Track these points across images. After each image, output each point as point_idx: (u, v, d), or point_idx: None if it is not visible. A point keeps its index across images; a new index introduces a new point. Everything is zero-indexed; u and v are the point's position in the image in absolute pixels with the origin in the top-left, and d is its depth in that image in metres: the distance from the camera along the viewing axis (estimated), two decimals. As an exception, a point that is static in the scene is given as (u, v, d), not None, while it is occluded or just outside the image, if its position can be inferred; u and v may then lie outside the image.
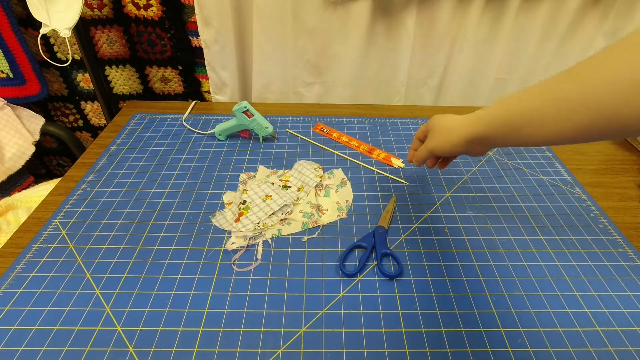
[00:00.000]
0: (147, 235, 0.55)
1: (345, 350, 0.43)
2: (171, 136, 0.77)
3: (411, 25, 0.82)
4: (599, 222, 0.60)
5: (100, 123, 1.04)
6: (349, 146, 0.76)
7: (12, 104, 0.87)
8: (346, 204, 0.62)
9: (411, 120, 0.84)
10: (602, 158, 0.75)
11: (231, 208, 0.60)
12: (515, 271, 0.52)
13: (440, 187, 0.66)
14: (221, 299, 0.48)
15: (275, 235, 0.56)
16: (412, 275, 0.51)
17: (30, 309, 0.46)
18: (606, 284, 0.51)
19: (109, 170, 0.67)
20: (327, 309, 0.47)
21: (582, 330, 0.45)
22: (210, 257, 0.53)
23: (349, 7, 0.79)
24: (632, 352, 0.43)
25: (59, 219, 0.58)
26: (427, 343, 0.44)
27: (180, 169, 0.68)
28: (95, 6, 0.81)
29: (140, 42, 0.87)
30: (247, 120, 0.72)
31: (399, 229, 0.58)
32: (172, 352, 0.42)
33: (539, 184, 0.67)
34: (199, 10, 0.79)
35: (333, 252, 0.54)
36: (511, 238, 0.57)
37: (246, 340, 0.44)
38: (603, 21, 0.83)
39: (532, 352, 0.43)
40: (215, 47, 0.84)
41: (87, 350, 0.42)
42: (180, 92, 0.96)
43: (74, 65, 0.91)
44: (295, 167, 0.68)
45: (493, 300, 0.48)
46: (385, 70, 0.91)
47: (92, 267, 0.51)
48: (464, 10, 0.81)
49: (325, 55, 0.87)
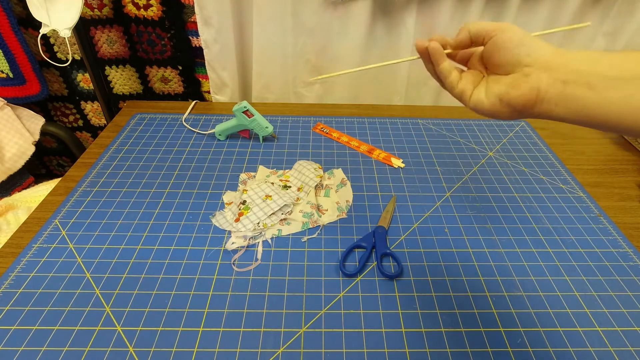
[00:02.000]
0: (147, 235, 0.55)
1: (345, 350, 0.43)
2: (171, 136, 0.77)
3: (411, 25, 0.82)
4: (599, 222, 0.60)
5: (100, 123, 1.04)
6: (349, 146, 0.76)
7: (12, 104, 0.87)
8: (346, 204, 0.62)
9: (411, 120, 0.84)
10: (602, 158, 0.75)
11: (231, 208, 0.60)
12: (515, 271, 0.52)
13: (440, 187, 0.66)
14: (221, 299, 0.48)
15: (275, 235, 0.56)
16: (412, 275, 0.51)
17: (30, 309, 0.46)
18: (606, 284, 0.51)
19: (109, 170, 0.67)
20: (327, 309, 0.47)
21: (582, 330, 0.45)
22: (210, 257, 0.53)
23: (349, 7, 0.79)
24: (632, 352, 0.43)
25: (59, 219, 0.58)
26: (427, 343, 0.44)
27: (180, 169, 0.68)
28: (95, 6, 0.81)
29: (140, 42, 0.87)
30: (247, 120, 0.72)
31: (399, 229, 0.58)
32: (172, 352, 0.42)
33: (539, 184, 0.67)
34: (199, 10, 0.79)
35: (333, 252, 0.54)
36: (511, 238, 0.57)
37: (246, 340, 0.44)
38: (603, 21, 0.83)
39: (532, 352, 0.43)
40: (215, 47, 0.84)
41: (87, 350, 0.42)
42: (180, 92, 0.96)
43: (74, 65, 0.91)
44: (295, 167, 0.68)
45: (493, 300, 0.48)
46: (385, 70, 0.91)
47: (92, 267, 0.51)
48: (464, 10, 0.81)
49: (325, 55, 0.87)
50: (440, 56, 0.37)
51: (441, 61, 0.37)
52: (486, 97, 0.35)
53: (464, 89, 0.37)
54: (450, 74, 0.37)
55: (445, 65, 0.37)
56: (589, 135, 0.81)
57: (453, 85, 0.37)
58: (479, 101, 0.35)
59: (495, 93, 0.34)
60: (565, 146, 0.77)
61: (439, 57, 0.37)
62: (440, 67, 0.37)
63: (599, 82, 0.29)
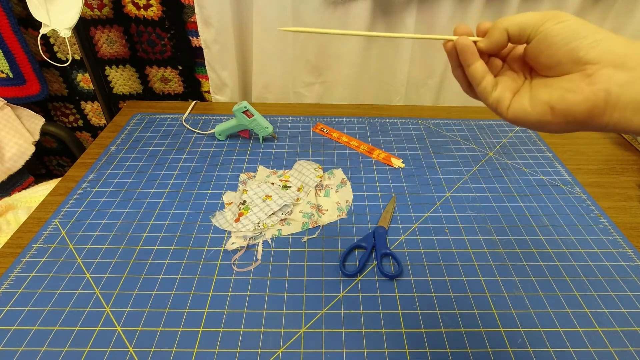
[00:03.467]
0: (147, 235, 0.55)
1: (345, 351, 0.43)
2: (171, 136, 0.77)
3: (411, 25, 0.82)
4: (599, 222, 0.60)
5: (100, 123, 1.04)
6: (349, 146, 0.76)
7: (12, 104, 0.87)
8: (346, 204, 0.62)
9: (411, 120, 0.84)
10: (602, 158, 0.75)
11: (231, 208, 0.60)
12: (515, 271, 0.52)
13: (440, 187, 0.66)
14: (221, 299, 0.48)
15: (275, 235, 0.56)
16: (412, 275, 0.51)
17: (30, 309, 0.46)
18: (606, 284, 0.51)
19: (109, 170, 0.67)
20: (327, 309, 0.47)
21: (582, 330, 0.45)
22: (210, 257, 0.53)
23: (349, 7, 0.79)
24: (632, 352, 0.43)
25: (59, 219, 0.58)
26: (427, 343, 0.44)
27: (180, 169, 0.68)
28: (95, 6, 0.81)
29: (140, 42, 0.87)
30: (247, 120, 0.72)
31: (399, 229, 0.58)
32: (172, 352, 0.42)
33: (539, 184, 0.67)
34: (199, 10, 0.79)
35: (333, 252, 0.54)
36: (511, 238, 0.57)
37: (246, 340, 0.44)
38: (603, 21, 0.83)
39: (532, 352, 0.43)
40: (215, 47, 0.84)
41: (87, 350, 0.42)
42: (180, 92, 0.96)
43: (74, 65, 0.91)
44: (295, 167, 0.68)
45: (493, 300, 0.48)
46: (385, 70, 0.91)
47: (92, 267, 0.51)
48: (464, 10, 0.81)
49: (325, 55, 0.87)
50: (471, 55, 0.30)
51: (472, 61, 0.30)
52: (531, 106, 0.28)
53: (500, 97, 0.30)
54: (483, 78, 0.30)
55: (477, 66, 0.30)
56: (589, 135, 0.81)
57: (487, 93, 0.30)
58: (521, 111, 0.28)
59: (545, 100, 0.27)
60: (565, 146, 0.77)
61: (470, 57, 0.30)
62: (471, 68, 0.30)
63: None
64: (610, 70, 0.24)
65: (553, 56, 0.27)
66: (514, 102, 0.29)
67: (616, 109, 0.24)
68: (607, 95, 0.24)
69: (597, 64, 0.25)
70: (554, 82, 0.27)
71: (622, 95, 0.24)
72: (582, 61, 0.25)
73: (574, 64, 0.26)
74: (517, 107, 0.29)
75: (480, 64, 0.30)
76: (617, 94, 0.24)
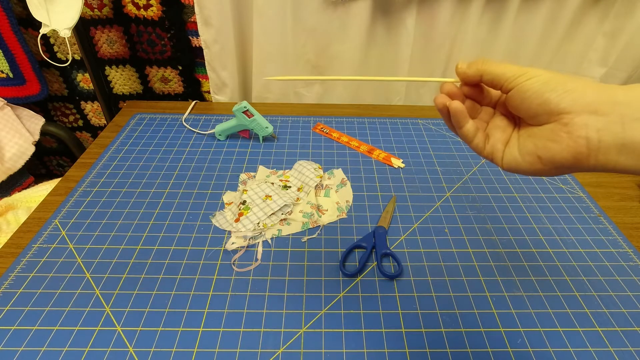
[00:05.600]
0: (147, 235, 0.55)
1: (345, 351, 0.43)
2: (171, 136, 0.77)
3: (411, 25, 0.82)
4: (599, 222, 0.60)
5: (100, 123, 1.04)
6: (349, 146, 0.76)
7: (12, 104, 0.87)
8: (346, 204, 0.62)
9: (411, 120, 0.84)
10: (602, 158, 0.75)
11: (231, 208, 0.60)
12: (515, 271, 0.52)
13: (440, 187, 0.66)
14: (221, 299, 0.48)
15: (275, 235, 0.56)
16: (412, 275, 0.51)
17: (30, 309, 0.46)
18: (606, 283, 0.51)
19: (109, 170, 0.67)
20: (327, 309, 0.47)
21: (582, 330, 0.45)
22: (210, 257, 0.53)
23: (349, 7, 0.79)
24: (632, 352, 0.43)
25: (59, 219, 0.58)
26: (427, 343, 0.44)
27: (180, 169, 0.68)
28: (95, 6, 0.81)
29: (140, 42, 0.87)
30: (247, 120, 0.72)
31: (399, 229, 0.58)
32: (172, 352, 0.42)
33: (539, 184, 0.67)
34: (199, 10, 0.79)
35: (333, 252, 0.54)
36: (511, 238, 0.57)
37: (246, 340, 0.44)
38: (603, 21, 0.83)
39: (532, 352, 0.43)
40: (215, 47, 0.84)
41: (87, 350, 0.42)
42: (180, 92, 0.96)
43: (74, 65, 0.91)
44: (295, 167, 0.68)
45: (493, 301, 0.48)
46: (385, 70, 0.91)
47: (92, 267, 0.51)
48: (464, 10, 0.81)
49: (325, 55, 0.87)
50: (463, 118, 0.32)
51: (464, 123, 0.32)
52: (521, 156, 0.29)
53: (493, 150, 0.31)
54: (475, 136, 0.32)
55: (468, 127, 0.32)
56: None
57: (479, 149, 0.32)
58: (514, 162, 0.30)
59: (531, 150, 0.28)
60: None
61: (462, 119, 0.32)
62: (463, 130, 0.32)
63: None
64: (585, 116, 0.25)
65: (529, 109, 0.28)
66: (506, 154, 0.31)
67: (600, 152, 0.25)
68: (587, 142, 0.25)
69: (570, 113, 0.26)
70: (537, 131, 0.28)
71: (602, 139, 0.25)
72: (555, 112, 0.26)
73: (549, 115, 0.27)
74: (509, 159, 0.30)
75: (471, 124, 0.32)
76: (597, 139, 0.25)
